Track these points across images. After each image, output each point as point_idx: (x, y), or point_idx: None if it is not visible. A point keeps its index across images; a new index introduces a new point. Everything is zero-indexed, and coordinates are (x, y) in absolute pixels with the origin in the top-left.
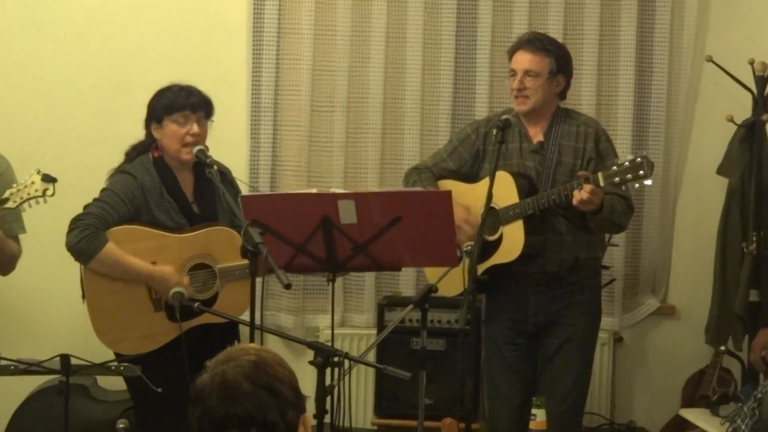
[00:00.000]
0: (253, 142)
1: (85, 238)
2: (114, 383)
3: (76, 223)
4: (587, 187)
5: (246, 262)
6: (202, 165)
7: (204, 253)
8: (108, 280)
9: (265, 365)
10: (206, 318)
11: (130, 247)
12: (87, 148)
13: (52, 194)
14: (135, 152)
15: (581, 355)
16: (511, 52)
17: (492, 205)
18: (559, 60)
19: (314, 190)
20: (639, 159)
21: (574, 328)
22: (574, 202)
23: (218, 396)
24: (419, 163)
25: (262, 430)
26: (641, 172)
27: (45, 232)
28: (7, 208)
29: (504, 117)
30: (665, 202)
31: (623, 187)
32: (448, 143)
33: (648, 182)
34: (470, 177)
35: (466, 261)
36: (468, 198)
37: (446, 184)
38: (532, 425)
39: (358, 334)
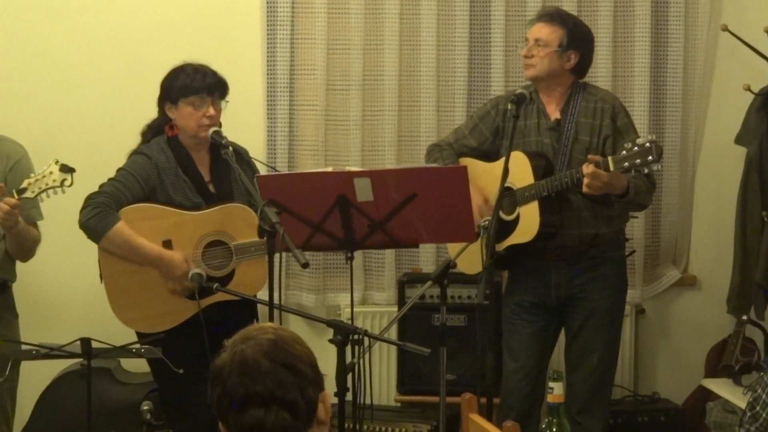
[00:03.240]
0: (269, 122)
1: (96, 215)
2: (138, 365)
3: (88, 201)
4: (586, 170)
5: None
6: (218, 145)
7: (219, 230)
8: (123, 260)
9: (283, 343)
10: (222, 295)
11: (146, 225)
12: (103, 132)
13: (70, 184)
14: (150, 133)
15: (607, 329)
16: (531, 24)
17: (509, 185)
18: (571, 35)
19: (330, 169)
20: (648, 144)
21: (597, 302)
22: (583, 189)
23: (238, 375)
24: (441, 140)
25: (282, 408)
26: (650, 157)
27: (64, 216)
28: (26, 197)
29: (519, 91)
30: (684, 172)
31: (633, 172)
32: (469, 120)
33: (657, 167)
34: (492, 154)
35: (484, 237)
36: (486, 178)
37: (466, 162)
38: (549, 398)
39: (379, 312)
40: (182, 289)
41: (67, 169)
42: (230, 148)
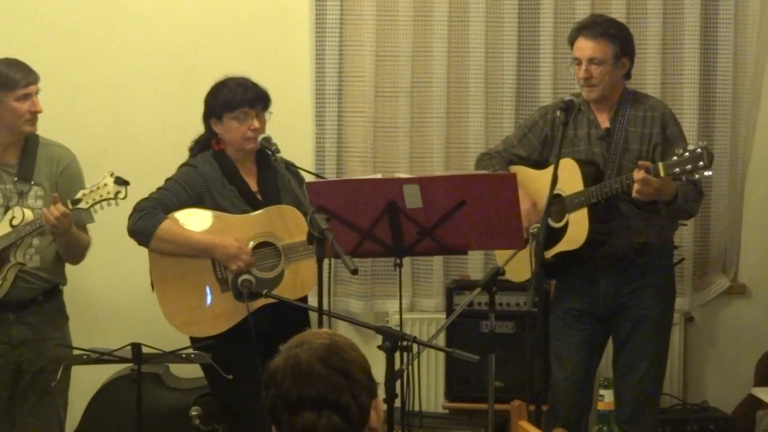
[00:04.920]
0: (318, 129)
1: (142, 218)
2: (187, 371)
3: (135, 207)
4: (637, 175)
5: None
6: (264, 155)
7: (267, 232)
8: (173, 265)
9: (338, 348)
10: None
11: (193, 228)
12: (157, 139)
13: (124, 197)
14: (198, 148)
15: (656, 338)
16: (572, 39)
17: (558, 192)
18: (621, 43)
19: (379, 176)
20: (699, 150)
21: (646, 311)
22: (633, 195)
23: (291, 378)
24: (491, 149)
25: (334, 412)
26: (701, 163)
27: (114, 220)
28: (80, 208)
29: (567, 98)
30: (734, 180)
31: (684, 178)
32: (518, 129)
33: (708, 173)
34: (540, 164)
35: (533, 244)
36: (536, 185)
37: (515, 170)
38: (600, 405)
39: (427, 319)
40: (246, 264)
41: (121, 182)
42: (279, 155)
